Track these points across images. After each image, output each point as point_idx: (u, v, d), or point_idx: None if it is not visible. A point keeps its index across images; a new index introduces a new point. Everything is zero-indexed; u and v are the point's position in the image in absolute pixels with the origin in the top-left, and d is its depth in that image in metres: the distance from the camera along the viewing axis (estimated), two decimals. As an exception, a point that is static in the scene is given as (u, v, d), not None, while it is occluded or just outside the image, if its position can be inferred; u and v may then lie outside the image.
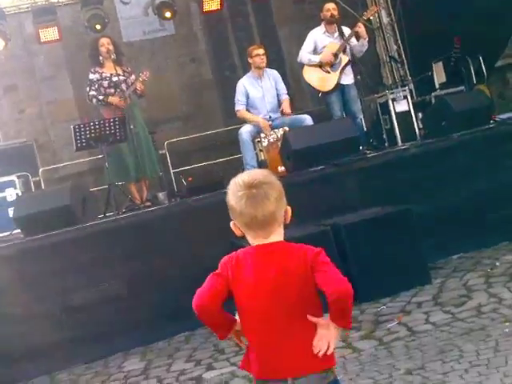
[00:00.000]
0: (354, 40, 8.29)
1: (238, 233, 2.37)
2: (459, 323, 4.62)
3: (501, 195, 6.61)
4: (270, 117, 8.08)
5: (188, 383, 4.73)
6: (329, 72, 8.24)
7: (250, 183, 2.31)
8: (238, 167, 8.16)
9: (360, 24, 8.18)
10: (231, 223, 2.37)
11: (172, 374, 4.94)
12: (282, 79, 8.51)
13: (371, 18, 9.30)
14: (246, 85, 8.17)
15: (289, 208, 2.37)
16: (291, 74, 11.76)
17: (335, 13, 8.38)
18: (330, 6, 8.46)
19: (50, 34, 10.06)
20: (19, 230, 6.77)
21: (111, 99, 7.78)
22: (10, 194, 8.98)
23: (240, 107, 8.14)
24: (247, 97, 8.13)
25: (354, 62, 8.20)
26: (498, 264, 5.76)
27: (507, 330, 4.25)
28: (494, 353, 3.96)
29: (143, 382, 4.96)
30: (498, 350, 3.98)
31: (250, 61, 8.25)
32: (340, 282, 2.28)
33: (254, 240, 2.36)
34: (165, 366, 5.14)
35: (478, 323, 4.54)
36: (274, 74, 8.36)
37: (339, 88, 8.30)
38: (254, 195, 2.29)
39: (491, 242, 6.42)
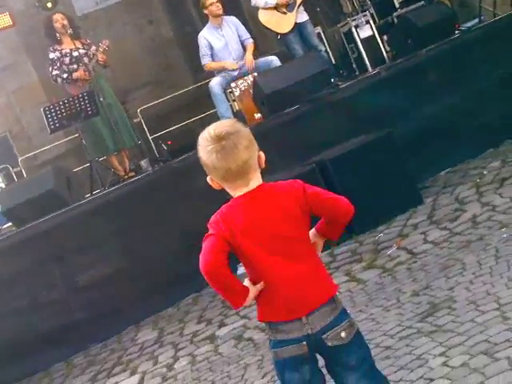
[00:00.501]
0: None
1: (216, 186, 2.36)
2: (457, 237, 4.68)
3: (478, 103, 6.61)
4: (238, 63, 7.98)
5: (202, 344, 4.78)
6: (285, 13, 8.11)
7: (217, 136, 2.28)
8: (215, 121, 8.10)
9: None
10: (208, 178, 2.35)
11: (186, 338, 5.00)
12: (243, 23, 8.38)
13: None
14: (207, 37, 8.03)
15: (261, 153, 2.37)
16: (250, 19, 11.56)
17: None
18: None
19: (2, 20, 9.86)
20: (10, 223, 6.76)
21: (75, 74, 7.69)
22: (-6, 189, 8.93)
23: (206, 60, 8.03)
24: (211, 49, 8.01)
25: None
26: (485, 173, 5.79)
27: (505, 236, 4.30)
28: (495, 260, 4.02)
29: (158, 350, 5.01)
30: (499, 256, 4.04)
31: (205, 12, 8.08)
32: (345, 202, 2.39)
33: (234, 191, 2.35)
34: (177, 331, 5.19)
35: (475, 234, 4.59)
36: (233, 20, 8.22)
37: (295, 27, 8.19)
38: (223, 147, 2.27)
39: (476, 151, 6.43)
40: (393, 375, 3.23)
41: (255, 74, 7.64)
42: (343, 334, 2.29)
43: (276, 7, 8.12)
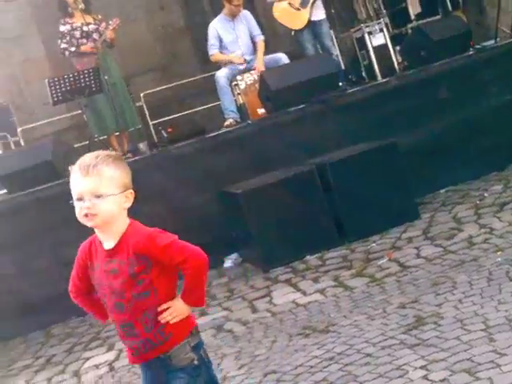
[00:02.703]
0: None
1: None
2: (451, 255, 4.61)
3: (486, 124, 6.55)
4: (245, 60, 7.93)
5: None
6: (298, 9, 8.06)
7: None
8: (218, 113, 8.05)
9: None
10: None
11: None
12: (255, 20, 8.32)
13: None
14: (217, 28, 7.96)
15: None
16: (264, 14, 11.51)
17: None
18: None
19: (15, -10, 9.79)
20: (4, 190, 6.71)
21: (83, 48, 7.65)
22: (-9, 156, 8.84)
23: (213, 51, 7.96)
24: (220, 40, 7.94)
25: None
26: (486, 195, 5.74)
27: (500, 260, 4.24)
28: (487, 282, 3.96)
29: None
30: (492, 279, 3.98)
31: (226, 5, 7.99)
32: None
33: None
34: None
35: (469, 254, 4.53)
36: (246, 14, 8.14)
37: (310, 25, 8.13)
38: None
39: (479, 173, 6.38)
40: (371, 382, 3.17)
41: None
42: None
43: (289, 2, 8.06)
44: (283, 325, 4.27)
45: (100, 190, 2.21)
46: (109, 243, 2.32)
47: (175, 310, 2.30)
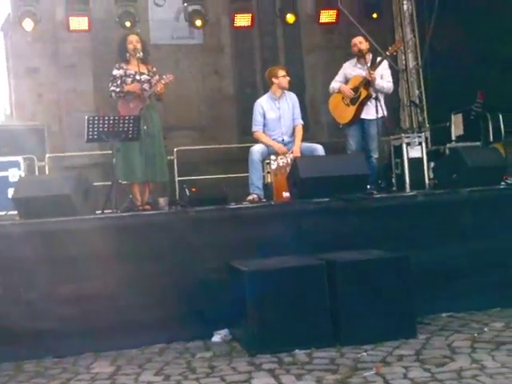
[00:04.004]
0: (379, 74, 8.32)
1: None
2: None
3: (500, 259, 6.53)
4: (283, 140, 8.09)
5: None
6: (348, 105, 8.34)
7: None
8: (244, 185, 8.13)
9: (372, 73, 8.17)
10: None
11: (138, 385, 4.87)
12: (301, 105, 8.51)
13: (395, 53, 9.30)
14: (263, 105, 8.17)
15: None
16: (310, 102, 11.76)
17: (362, 47, 8.47)
18: (357, 40, 8.58)
19: (79, 23, 10.11)
20: (16, 212, 6.74)
21: (127, 87, 7.78)
22: (13, 175, 8.99)
23: (257, 128, 8.14)
24: (264, 118, 8.12)
25: (376, 99, 8.17)
26: (486, 330, 5.66)
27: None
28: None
29: (108, 387, 4.88)
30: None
31: (274, 81, 8.22)
32: None
33: None
34: (133, 375, 5.04)
35: (456, 387, 4.44)
36: (292, 97, 8.35)
37: (359, 122, 8.33)
38: None
39: (483, 305, 6.32)
40: None
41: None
42: None
43: (343, 97, 8.32)
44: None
45: None
46: None
47: None
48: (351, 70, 8.62)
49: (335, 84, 8.59)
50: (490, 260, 6.49)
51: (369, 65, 8.36)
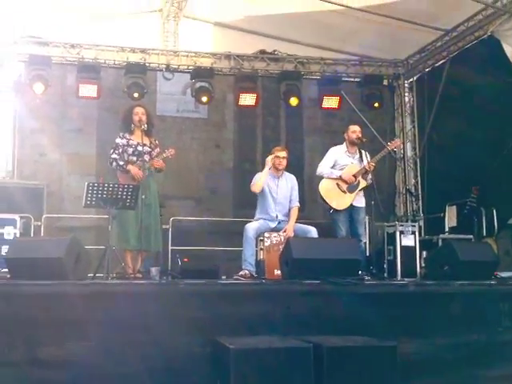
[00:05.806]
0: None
1: None
2: None
3: (490, 354, 6.51)
4: (277, 216, 8.21)
5: None
6: (345, 192, 8.39)
7: None
8: (237, 260, 8.18)
9: (372, 164, 8.33)
10: None
11: None
12: (299, 186, 8.65)
13: (395, 149, 9.52)
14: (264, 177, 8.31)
15: None
16: (308, 183, 11.89)
17: (361, 136, 8.60)
18: (357, 128, 8.74)
19: (88, 90, 10.33)
20: (7, 270, 6.75)
21: (130, 167, 7.88)
22: (8, 233, 9.04)
23: (255, 188, 8.32)
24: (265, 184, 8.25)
25: (372, 188, 8.32)
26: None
27: None
28: None
29: None
30: None
31: (273, 159, 8.37)
32: None
33: None
34: None
35: None
36: (292, 179, 8.52)
37: (349, 208, 8.42)
38: None
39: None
40: None
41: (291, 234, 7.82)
42: None
43: (338, 183, 8.37)
44: None
45: None
46: None
47: None
48: (340, 156, 8.69)
49: (326, 169, 8.57)
50: (479, 354, 6.46)
51: (358, 156, 8.51)
